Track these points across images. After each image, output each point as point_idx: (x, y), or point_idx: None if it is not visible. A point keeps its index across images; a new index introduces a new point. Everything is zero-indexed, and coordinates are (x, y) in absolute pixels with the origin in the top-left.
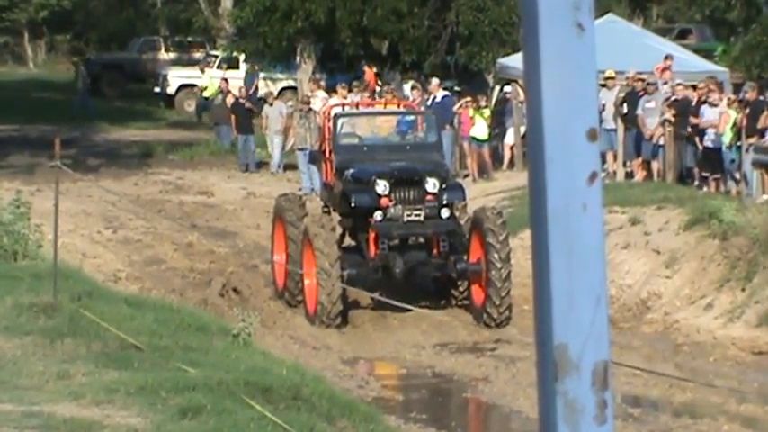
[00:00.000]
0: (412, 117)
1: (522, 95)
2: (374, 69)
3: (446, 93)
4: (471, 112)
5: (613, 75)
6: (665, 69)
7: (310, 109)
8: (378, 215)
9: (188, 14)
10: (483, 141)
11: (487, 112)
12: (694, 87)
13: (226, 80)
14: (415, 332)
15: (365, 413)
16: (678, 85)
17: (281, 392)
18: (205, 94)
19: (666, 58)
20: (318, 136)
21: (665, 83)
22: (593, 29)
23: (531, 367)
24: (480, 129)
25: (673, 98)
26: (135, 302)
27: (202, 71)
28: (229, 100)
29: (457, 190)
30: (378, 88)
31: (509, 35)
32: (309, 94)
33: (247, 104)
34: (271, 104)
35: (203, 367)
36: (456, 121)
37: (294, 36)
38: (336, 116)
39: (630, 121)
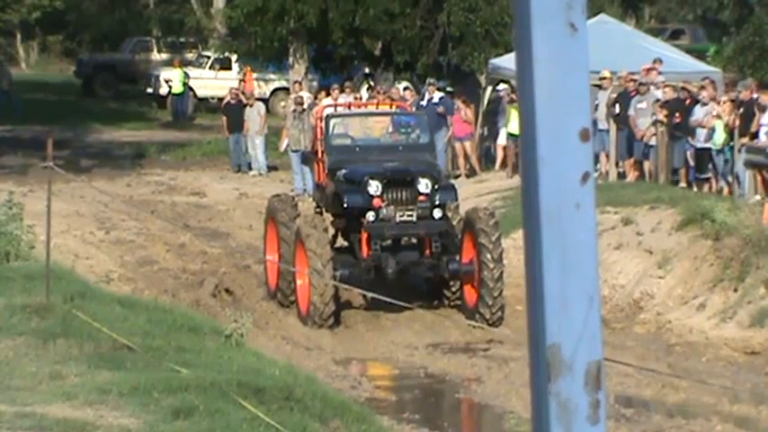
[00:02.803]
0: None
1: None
2: (253, 73)
3: (442, 94)
4: (508, 108)
5: (609, 75)
6: (650, 69)
7: (304, 110)
8: (370, 216)
9: (180, 15)
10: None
11: None
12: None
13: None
14: (407, 332)
15: (358, 414)
16: (666, 86)
17: (273, 393)
18: (173, 90)
19: (655, 61)
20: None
21: (648, 84)
22: (586, 29)
23: (523, 367)
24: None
25: (664, 98)
26: (127, 303)
27: (178, 66)
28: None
29: (449, 190)
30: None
31: (501, 35)
32: (294, 95)
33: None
34: (251, 105)
35: (196, 368)
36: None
37: (287, 37)
38: (328, 117)
39: (622, 121)
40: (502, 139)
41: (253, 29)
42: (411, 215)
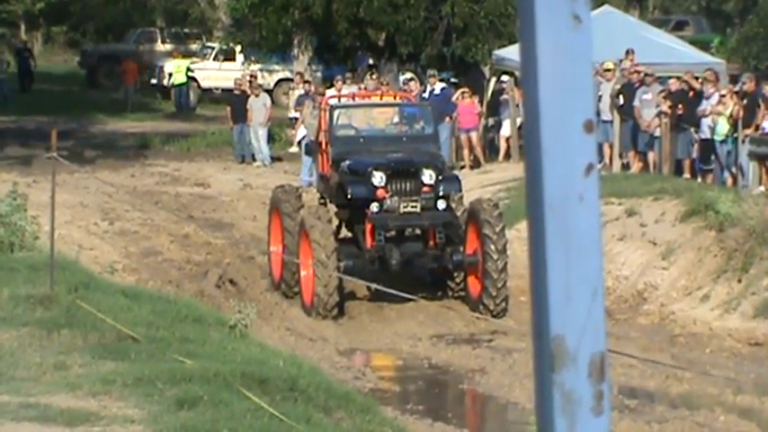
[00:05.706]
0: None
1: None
2: (134, 64)
3: (445, 85)
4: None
5: (612, 66)
6: (621, 62)
7: None
8: (374, 207)
9: (184, 6)
10: None
11: None
12: (696, 79)
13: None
14: (411, 323)
15: (362, 404)
16: (670, 77)
17: (277, 384)
18: (174, 81)
19: (628, 52)
20: None
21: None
22: (590, 20)
23: (527, 358)
24: None
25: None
26: (132, 294)
27: (175, 57)
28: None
29: (453, 181)
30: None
31: (505, 27)
32: (294, 86)
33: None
34: (257, 95)
35: (200, 359)
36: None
37: (291, 28)
38: (332, 107)
39: (627, 112)
40: (506, 131)
41: (257, 20)
42: (415, 206)
